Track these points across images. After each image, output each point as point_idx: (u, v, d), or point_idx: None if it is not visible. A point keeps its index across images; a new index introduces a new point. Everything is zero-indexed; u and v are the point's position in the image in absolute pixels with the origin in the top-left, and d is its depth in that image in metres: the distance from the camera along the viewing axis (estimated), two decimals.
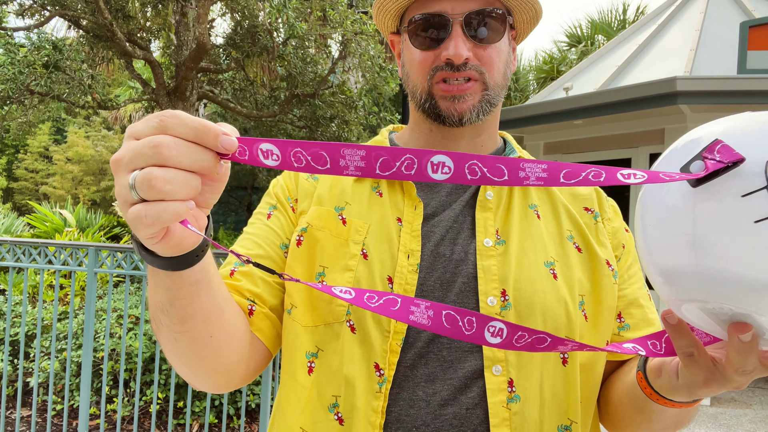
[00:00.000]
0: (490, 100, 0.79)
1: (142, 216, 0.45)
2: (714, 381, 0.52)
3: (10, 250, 3.11)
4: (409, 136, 0.88)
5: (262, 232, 0.81)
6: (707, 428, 4.28)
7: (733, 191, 0.40)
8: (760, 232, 0.38)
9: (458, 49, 0.74)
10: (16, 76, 4.84)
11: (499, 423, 0.68)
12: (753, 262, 0.39)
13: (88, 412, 3.15)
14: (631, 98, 4.91)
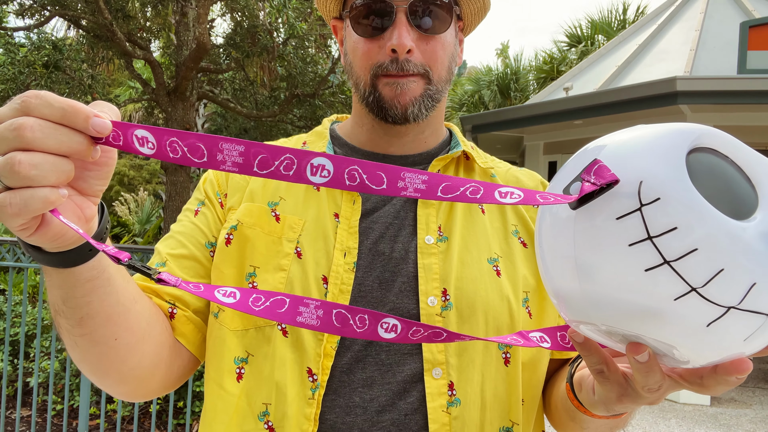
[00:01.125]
0: (433, 95, 0.75)
1: (7, 204, 0.40)
2: (627, 397, 0.51)
3: (10, 250, 3.11)
4: (351, 128, 0.84)
5: (188, 230, 0.76)
6: (707, 428, 4.28)
7: (607, 214, 0.38)
8: (635, 256, 0.37)
9: (402, 38, 0.70)
10: (16, 76, 4.84)
11: (439, 428, 0.66)
12: (630, 286, 0.38)
13: (88, 412, 3.15)
14: (631, 98, 4.91)
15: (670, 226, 0.36)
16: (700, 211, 0.36)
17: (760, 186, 0.39)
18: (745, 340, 0.38)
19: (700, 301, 0.36)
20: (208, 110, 11.63)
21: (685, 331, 0.38)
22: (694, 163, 0.40)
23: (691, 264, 0.36)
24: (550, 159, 6.32)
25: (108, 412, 3.61)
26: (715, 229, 0.36)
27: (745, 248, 0.36)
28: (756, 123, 5.09)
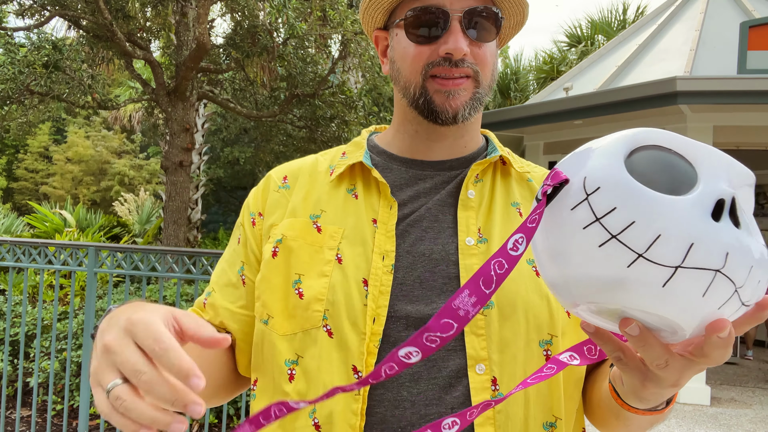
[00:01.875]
0: (480, 99, 0.78)
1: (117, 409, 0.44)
2: (649, 381, 0.52)
3: (10, 250, 3.11)
4: (392, 136, 0.86)
5: (229, 258, 0.85)
6: (707, 428, 4.28)
7: (564, 207, 0.46)
8: (589, 235, 0.44)
9: (458, 44, 0.73)
10: (16, 76, 4.84)
11: (484, 422, 0.68)
12: (591, 262, 0.45)
13: (88, 412, 3.15)
14: (631, 98, 4.91)
15: (610, 207, 0.44)
16: (632, 191, 0.44)
17: (699, 166, 0.46)
18: (704, 296, 0.43)
19: (648, 265, 0.43)
20: (208, 110, 11.62)
21: (647, 293, 0.44)
22: (636, 158, 0.47)
23: (633, 234, 0.43)
24: (550, 159, 6.32)
25: None
26: (649, 204, 0.43)
27: (677, 216, 0.42)
28: (756, 123, 5.09)
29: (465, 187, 0.79)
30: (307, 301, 0.73)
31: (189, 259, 2.89)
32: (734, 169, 0.47)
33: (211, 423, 3.52)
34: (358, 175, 0.81)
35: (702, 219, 0.43)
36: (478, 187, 0.80)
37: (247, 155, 15.43)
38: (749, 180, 0.48)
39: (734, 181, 0.46)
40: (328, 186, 0.81)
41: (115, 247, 3.02)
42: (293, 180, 0.84)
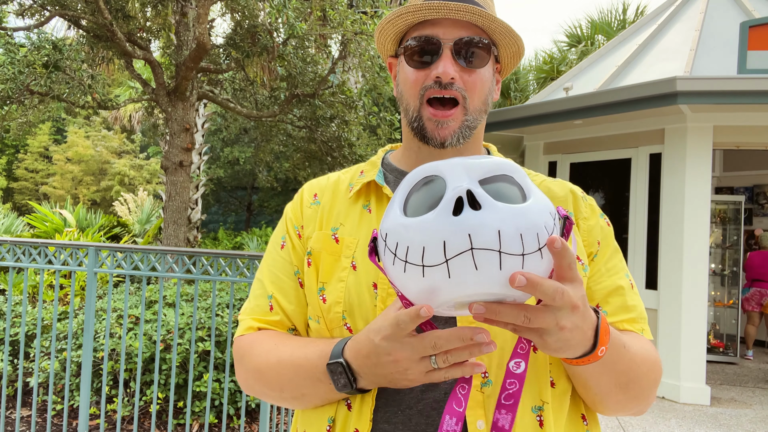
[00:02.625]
0: (470, 125, 0.87)
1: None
2: (540, 335, 0.63)
3: (10, 250, 3.11)
4: (402, 154, 0.97)
5: (279, 263, 0.94)
6: (707, 428, 4.28)
7: (381, 253, 0.65)
8: (398, 267, 0.61)
9: (446, 68, 0.83)
10: (16, 76, 4.83)
11: (475, 405, 0.76)
12: (411, 282, 0.60)
13: (88, 412, 3.15)
14: (631, 98, 4.91)
15: (395, 244, 0.60)
16: (401, 226, 0.60)
17: (447, 178, 0.60)
18: (477, 269, 0.56)
19: (431, 269, 0.57)
20: (208, 110, 11.62)
21: (449, 286, 0.57)
22: (411, 198, 0.63)
23: (412, 255, 0.58)
24: (550, 159, 6.32)
25: (108, 412, 3.61)
26: (411, 229, 0.58)
27: (429, 227, 0.57)
28: (756, 123, 5.09)
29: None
30: (329, 304, 0.84)
31: (189, 259, 2.89)
32: (475, 168, 0.60)
33: (211, 423, 3.52)
34: (372, 192, 0.93)
35: (445, 220, 0.56)
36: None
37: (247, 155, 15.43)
38: (494, 170, 0.61)
39: (474, 176, 0.60)
40: (347, 202, 0.93)
41: (115, 247, 3.02)
42: (321, 196, 0.96)
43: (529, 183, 0.62)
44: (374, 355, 0.69)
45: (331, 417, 0.82)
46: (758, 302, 6.77)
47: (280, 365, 0.83)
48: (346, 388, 0.74)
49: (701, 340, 4.96)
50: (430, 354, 0.64)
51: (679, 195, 5.08)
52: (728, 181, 8.42)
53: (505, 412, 0.69)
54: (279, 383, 0.84)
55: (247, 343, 0.89)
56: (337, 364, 0.74)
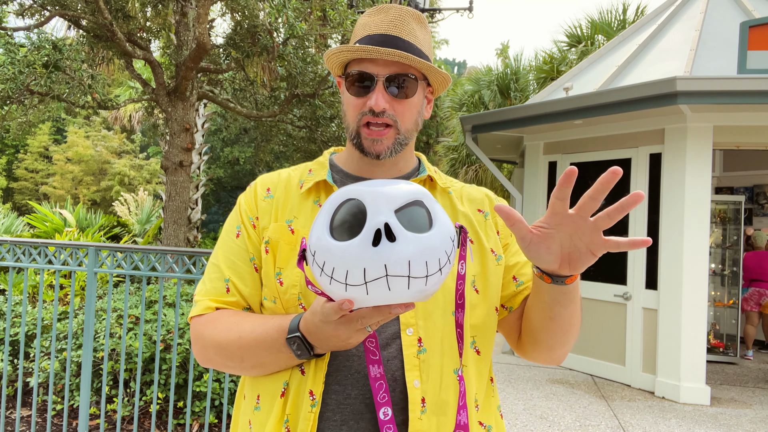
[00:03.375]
0: (402, 142, 1.04)
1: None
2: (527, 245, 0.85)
3: (10, 250, 3.11)
4: (346, 158, 1.12)
5: (235, 250, 1.05)
6: (707, 428, 4.28)
7: (310, 263, 0.77)
8: (324, 279, 0.73)
9: (378, 101, 0.99)
10: (16, 76, 4.83)
11: (412, 368, 0.94)
12: (336, 292, 0.73)
13: (88, 412, 3.15)
14: (631, 98, 4.91)
15: (323, 262, 0.72)
16: (328, 248, 0.71)
17: (369, 206, 0.71)
18: (390, 290, 0.69)
19: (353, 288, 0.70)
20: (208, 110, 11.62)
21: (368, 300, 0.71)
22: (336, 217, 0.74)
23: (337, 274, 0.70)
24: (550, 159, 6.32)
25: (108, 412, 3.61)
26: (338, 253, 0.70)
27: (352, 253, 0.69)
28: (756, 123, 5.09)
29: None
30: (286, 287, 0.98)
31: (189, 259, 2.89)
32: (392, 197, 0.72)
33: (211, 423, 3.52)
34: (322, 189, 1.07)
35: (365, 250, 0.68)
36: None
37: (247, 155, 15.42)
38: (408, 198, 0.73)
39: (394, 205, 0.71)
40: (299, 197, 1.06)
41: (115, 247, 3.02)
42: (274, 191, 1.08)
43: (436, 207, 0.76)
44: (319, 332, 0.83)
45: (286, 381, 0.95)
46: (757, 302, 6.77)
47: (241, 339, 0.95)
48: (304, 355, 0.88)
49: (701, 340, 4.96)
50: (361, 328, 0.78)
51: (679, 195, 5.07)
52: (728, 181, 8.42)
53: (463, 412, 0.91)
54: (240, 355, 0.96)
55: (207, 320, 1.02)
56: (295, 338, 0.87)
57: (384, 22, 1.03)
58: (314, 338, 0.85)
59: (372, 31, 1.03)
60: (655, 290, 5.25)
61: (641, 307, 5.36)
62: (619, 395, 5.07)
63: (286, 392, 0.95)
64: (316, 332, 0.83)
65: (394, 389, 0.93)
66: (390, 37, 1.02)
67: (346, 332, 0.79)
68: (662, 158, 5.28)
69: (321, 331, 0.82)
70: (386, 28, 1.02)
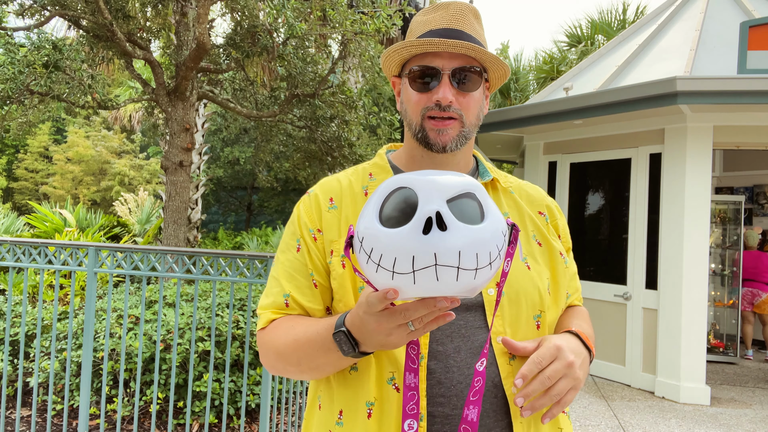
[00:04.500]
0: (466, 135, 1.04)
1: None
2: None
3: (10, 250, 3.11)
4: (406, 159, 1.12)
5: (296, 264, 1.05)
6: (707, 428, 4.28)
7: (356, 251, 0.75)
8: (371, 266, 0.71)
9: (446, 94, 0.99)
10: (16, 76, 4.83)
11: (508, 375, 0.96)
12: (381, 279, 0.71)
13: (88, 412, 3.15)
14: (631, 98, 4.91)
15: (370, 248, 0.71)
16: (377, 234, 0.70)
17: (420, 194, 0.70)
18: (438, 280, 0.68)
19: (399, 276, 0.68)
20: (208, 110, 11.61)
21: (414, 291, 0.70)
22: (386, 205, 0.73)
23: (385, 261, 0.69)
24: (550, 159, 6.31)
25: (108, 412, 3.61)
26: (386, 239, 0.69)
27: (401, 241, 0.67)
28: (756, 123, 5.09)
29: None
30: None
31: (189, 259, 2.89)
32: (445, 187, 0.70)
33: (211, 423, 3.52)
34: None
35: (416, 237, 0.67)
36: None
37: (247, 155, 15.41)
38: (461, 189, 0.71)
39: (446, 195, 0.70)
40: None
41: (115, 247, 3.02)
42: (338, 201, 1.07)
43: (488, 201, 0.74)
44: (362, 324, 0.81)
45: (370, 402, 0.95)
46: (750, 302, 6.78)
47: (296, 342, 0.96)
48: (350, 352, 0.86)
49: (701, 340, 4.96)
50: (403, 322, 0.76)
51: (679, 195, 5.07)
52: (728, 181, 8.41)
53: (473, 407, 0.87)
54: (296, 358, 0.96)
55: (268, 330, 1.03)
56: (340, 333, 0.86)
57: (445, 18, 1.03)
58: (358, 332, 0.84)
59: (433, 26, 1.03)
60: (655, 290, 5.25)
61: (641, 307, 5.36)
62: (619, 395, 5.07)
63: (373, 411, 0.94)
64: (360, 326, 0.82)
65: (496, 395, 0.95)
66: (454, 31, 1.02)
67: (387, 325, 0.77)
68: (662, 158, 5.28)
69: (364, 324, 0.81)
70: (448, 23, 1.03)
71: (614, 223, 5.75)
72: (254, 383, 3.65)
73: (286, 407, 3.57)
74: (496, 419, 0.95)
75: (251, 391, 3.62)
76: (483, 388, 0.89)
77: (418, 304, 0.73)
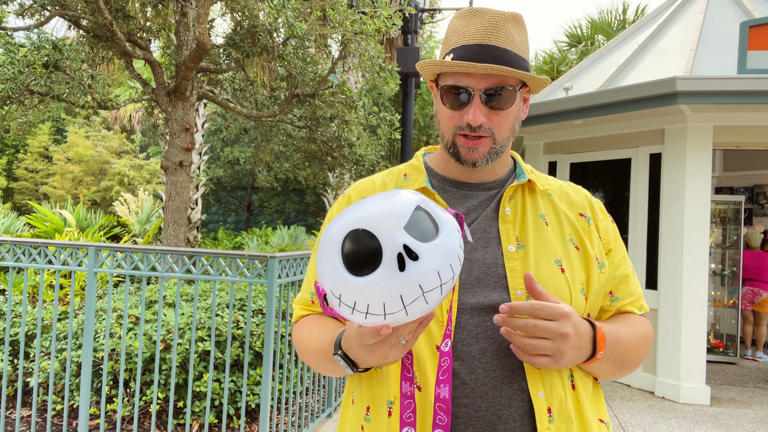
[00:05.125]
0: (498, 151, 1.04)
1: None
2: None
3: (10, 250, 3.11)
4: (441, 163, 1.13)
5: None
6: (707, 428, 4.28)
7: (334, 305, 0.75)
8: (354, 316, 0.73)
9: (476, 116, 0.98)
10: (16, 76, 4.83)
11: (535, 381, 0.95)
12: (361, 321, 0.73)
13: (88, 412, 3.15)
14: (631, 98, 4.91)
15: (351, 300, 0.70)
16: (349, 286, 0.69)
17: (380, 234, 0.69)
18: (408, 315, 0.71)
19: (376, 317, 0.70)
20: (208, 110, 11.61)
21: (398, 321, 0.72)
22: (345, 248, 0.71)
23: (359, 306, 0.70)
24: (550, 159, 6.31)
25: (108, 412, 3.60)
26: (361, 288, 0.69)
27: (380, 285, 0.68)
28: (756, 123, 5.09)
29: (502, 205, 1.06)
30: None
31: (189, 259, 2.89)
32: (396, 216, 0.70)
33: (211, 423, 3.52)
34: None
35: (395, 277, 0.67)
36: (512, 204, 1.06)
37: (247, 155, 15.41)
38: (409, 210, 0.71)
39: (401, 223, 0.69)
40: None
41: (115, 247, 3.02)
42: None
43: (432, 206, 0.76)
44: (357, 351, 0.84)
45: (390, 400, 0.97)
46: (750, 301, 6.78)
47: (310, 348, 1.03)
48: (351, 371, 0.90)
49: (701, 340, 4.96)
50: (396, 342, 0.78)
51: (679, 195, 5.07)
52: (728, 181, 8.41)
53: (444, 385, 0.88)
54: (314, 362, 1.04)
55: (298, 327, 1.11)
56: (338, 355, 0.90)
57: (479, 31, 1.00)
58: (354, 356, 0.86)
59: (467, 40, 1.00)
60: (655, 290, 5.25)
61: None
62: (619, 395, 5.07)
63: (393, 409, 0.96)
64: (354, 353, 0.85)
65: (523, 399, 0.95)
66: (487, 48, 0.98)
67: (382, 351, 0.79)
68: (662, 158, 5.28)
69: (357, 353, 0.83)
70: (482, 37, 0.99)
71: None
72: (254, 383, 3.65)
73: (286, 407, 3.57)
74: (522, 423, 0.95)
75: (251, 391, 3.62)
76: (450, 367, 0.90)
77: (406, 324, 0.75)
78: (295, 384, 3.49)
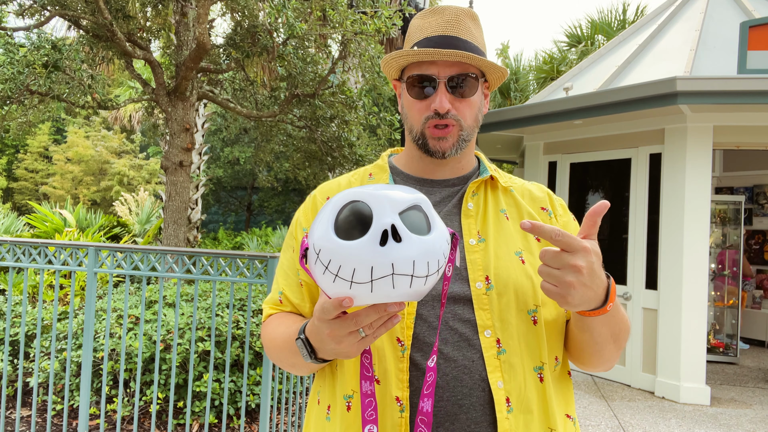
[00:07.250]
0: (465, 138, 1.07)
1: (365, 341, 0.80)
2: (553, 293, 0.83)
3: (10, 250, 3.11)
4: (406, 161, 1.15)
5: (288, 264, 1.12)
6: (707, 428, 4.28)
7: (311, 263, 0.77)
8: (328, 277, 0.74)
9: (442, 103, 1.02)
10: (16, 76, 4.83)
11: (494, 369, 0.96)
12: (338, 289, 0.74)
13: (88, 412, 3.15)
14: (631, 98, 4.91)
15: (328, 260, 0.73)
16: (335, 247, 0.72)
17: (374, 208, 0.73)
18: (394, 288, 0.72)
19: (358, 285, 0.72)
20: (208, 110, 11.61)
21: (371, 298, 0.73)
22: (340, 217, 0.75)
23: (343, 272, 0.72)
24: (550, 159, 6.31)
25: (108, 412, 3.61)
26: (345, 251, 0.71)
27: (359, 253, 0.71)
28: (756, 123, 5.09)
29: (465, 200, 1.08)
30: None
31: (189, 259, 2.89)
32: (396, 201, 0.74)
33: (211, 423, 3.52)
34: None
35: (373, 249, 0.70)
36: (475, 200, 1.09)
37: (247, 155, 15.41)
38: (410, 203, 0.76)
39: (398, 209, 0.74)
40: None
41: (115, 247, 3.02)
42: None
43: (432, 213, 0.79)
44: (317, 332, 0.83)
45: (348, 395, 0.98)
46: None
47: (275, 342, 1.03)
48: (309, 358, 0.89)
49: (701, 340, 4.96)
50: (355, 329, 0.78)
51: (679, 195, 5.07)
52: (728, 181, 8.41)
53: (427, 399, 0.89)
54: (278, 357, 1.03)
55: (264, 326, 1.12)
56: (300, 340, 0.89)
57: (440, 24, 1.05)
58: (314, 340, 0.86)
59: (429, 33, 1.05)
60: (655, 290, 5.25)
61: (641, 307, 5.36)
62: (619, 395, 5.07)
63: (352, 403, 0.97)
64: (315, 333, 0.84)
65: (483, 389, 0.95)
66: (449, 38, 1.04)
67: (339, 332, 0.79)
68: (662, 158, 5.28)
69: (318, 331, 0.82)
70: (444, 29, 1.05)
71: (614, 223, 5.75)
72: (254, 383, 3.65)
73: (286, 407, 3.57)
74: (482, 413, 0.95)
75: (251, 391, 3.62)
76: (434, 382, 0.90)
77: (369, 310, 0.76)
78: (295, 384, 3.49)
